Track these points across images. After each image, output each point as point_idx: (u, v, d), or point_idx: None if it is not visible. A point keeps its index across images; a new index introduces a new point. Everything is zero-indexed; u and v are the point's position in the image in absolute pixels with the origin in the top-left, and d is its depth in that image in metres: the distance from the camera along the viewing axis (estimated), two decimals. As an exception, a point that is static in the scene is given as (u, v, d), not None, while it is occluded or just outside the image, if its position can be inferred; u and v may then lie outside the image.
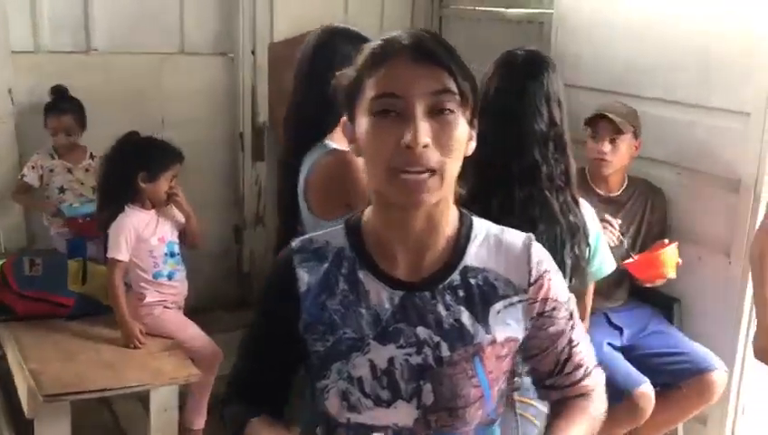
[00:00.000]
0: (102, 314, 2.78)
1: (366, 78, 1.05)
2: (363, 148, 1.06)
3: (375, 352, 1.10)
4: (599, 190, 2.72)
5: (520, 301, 1.14)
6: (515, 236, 1.17)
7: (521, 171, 1.66)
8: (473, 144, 1.10)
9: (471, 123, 1.09)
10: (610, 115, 2.61)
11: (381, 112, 1.02)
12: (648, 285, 2.60)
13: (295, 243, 1.17)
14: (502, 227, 1.19)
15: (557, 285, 1.18)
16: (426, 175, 1.01)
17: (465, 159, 1.09)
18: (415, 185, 1.01)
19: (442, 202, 1.08)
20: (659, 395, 2.46)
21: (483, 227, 1.17)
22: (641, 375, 2.43)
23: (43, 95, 3.36)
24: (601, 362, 2.39)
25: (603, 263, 1.91)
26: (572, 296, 1.22)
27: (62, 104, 3.25)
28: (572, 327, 1.20)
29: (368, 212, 1.15)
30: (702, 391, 2.47)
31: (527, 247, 1.16)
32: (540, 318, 1.16)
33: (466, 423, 1.12)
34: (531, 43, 3.35)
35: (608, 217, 2.49)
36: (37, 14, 3.39)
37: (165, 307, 2.77)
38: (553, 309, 1.17)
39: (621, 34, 2.96)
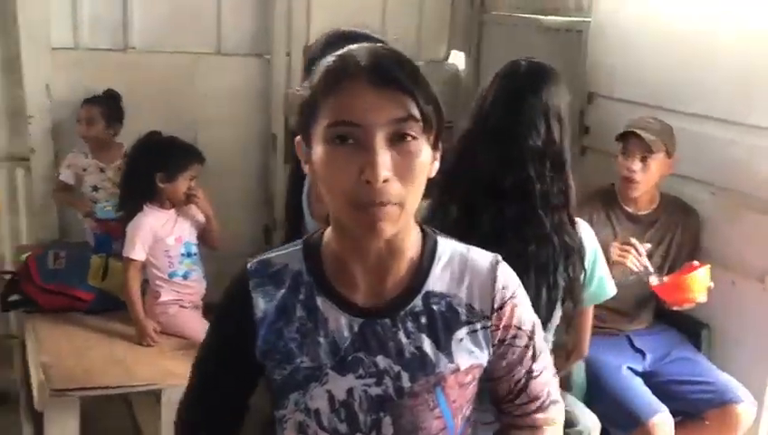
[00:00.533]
0: (120, 311, 2.80)
1: (321, 101, 0.98)
2: (320, 176, 1.00)
3: (333, 383, 1.06)
4: (627, 207, 2.62)
5: (483, 327, 1.09)
6: (481, 258, 1.12)
7: (513, 187, 1.59)
8: (436, 165, 1.04)
9: (434, 146, 1.02)
10: (642, 133, 2.49)
11: (338, 139, 0.96)
12: (676, 309, 2.47)
13: (251, 264, 1.12)
14: (468, 246, 1.13)
15: (521, 312, 1.12)
16: (386, 206, 0.95)
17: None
18: (375, 215, 0.95)
19: (404, 227, 1.03)
20: (680, 426, 2.35)
21: (447, 248, 1.11)
22: (659, 404, 2.32)
23: (81, 92, 3.44)
24: (617, 387, 2.36)
25: (602, 286, 1.81)
26: (538, 323, 1.16)
27: (96, 97, 3.33)
28: (534, 357, 1.14)
29: (328, 233, 1.10)
30: (725, 424, 2.34)
31: (493, 270, 1.10)
32: (501, 346, 1.11)
33: None
34: (568, 51, 3.28)
35: (634, 241, 2.36)
36: (78, 11, 3.46)
37: (181, 306, 2.77)
38: (514, 337, 1.12)
39: (660, 46, 2.83)
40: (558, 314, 1.65)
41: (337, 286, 1.07)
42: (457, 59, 4.25)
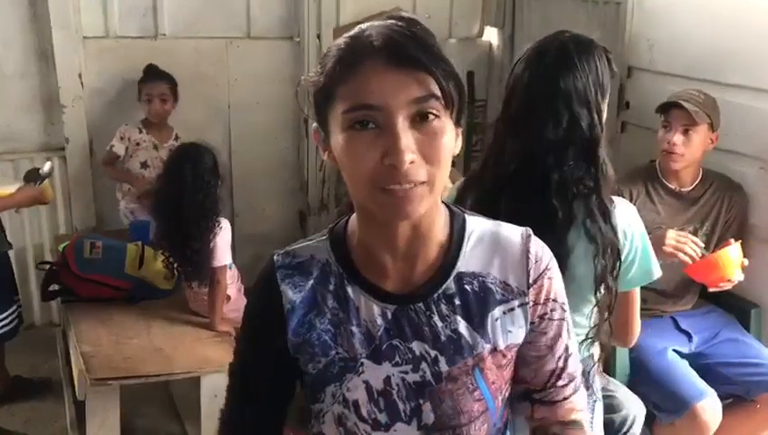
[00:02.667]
0: (157, 299, 2.82)
1: (336, 86, 0.93)
2: (341, 163, 0.96)
3: (369, 373, 1.04)
4: (669, 184, 2.53)
5: (520, 304, 1.05)
6: (512, 232, 1.08)
7: (529, 179, 1.51)
8: (459, 142, 1.00)
9: (457, 123, 0.98)
10: (684, 103, 2.40)
11: (358, 124, 0.91)
12: (713, 290, 2.32)
13: (277, 256, 1.09)
14: (497, 221, 1.09)
15: (557, 284, 1.08)
16: (414, 188, 0.92)
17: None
18: (402, 198, 0.92)
19: (431, 209, 0.99)
20: (729, 409, 2.28)
21: (476, 226, 1.08)
22: (706, 387, 2.25)
23: (112, 80, 3.46)
24: (663, 370, 2.29)
25: (645, 269, 1.69)
26: (566, 300, 1.10)
27: (158, 73, 3.33)
28: (568, 332, 1.09)
29: (353, 221, 1.07)
30: (776, 407, 2.27)
31: (525, 244, 1.06)
32: (541, 321, 1.07)
33: None
34: (606, 24, 3.17)
35: (689, 234, 2.25)
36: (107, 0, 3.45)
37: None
38: (552, 310, 1.07)
39: (702, 16, 2.73)
40: (591, 300, 1.58)
41: (367, 275, 1.04)
42: (491, 35, 4.16)
